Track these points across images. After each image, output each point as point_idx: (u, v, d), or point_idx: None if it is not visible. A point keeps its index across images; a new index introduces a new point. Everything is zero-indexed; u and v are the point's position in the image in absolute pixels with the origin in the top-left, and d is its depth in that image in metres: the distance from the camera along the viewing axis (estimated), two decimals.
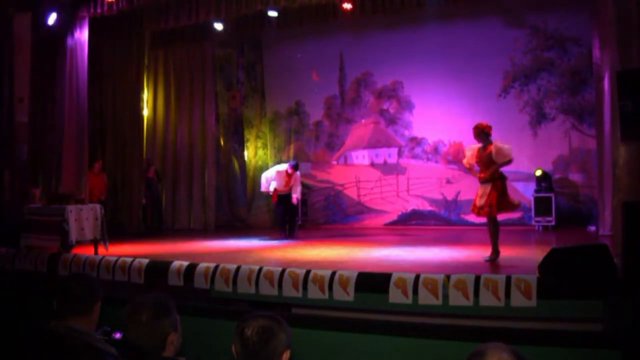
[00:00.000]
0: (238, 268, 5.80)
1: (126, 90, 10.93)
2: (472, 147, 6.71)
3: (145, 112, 11.52)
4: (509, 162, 6.47)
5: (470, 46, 10.68)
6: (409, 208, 11.46)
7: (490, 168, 6.41)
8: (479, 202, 6.45)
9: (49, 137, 9.72)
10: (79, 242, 7.68)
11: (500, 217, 6.90)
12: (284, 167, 9.56)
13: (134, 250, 7.87)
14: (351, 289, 5.17)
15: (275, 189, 9.39)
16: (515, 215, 10.33)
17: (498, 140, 6.59)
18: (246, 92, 12.84)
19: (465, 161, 6.85)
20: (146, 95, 11.64)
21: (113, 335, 2.95)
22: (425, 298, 4.89)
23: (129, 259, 6.59)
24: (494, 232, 6.46)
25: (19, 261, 7.50)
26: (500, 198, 6.37)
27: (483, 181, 6.48)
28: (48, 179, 9.53)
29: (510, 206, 6.58)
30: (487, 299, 4.72)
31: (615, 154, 6.54)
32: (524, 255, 6.74)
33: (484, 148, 6.52)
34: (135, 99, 10.95)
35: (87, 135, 9.85)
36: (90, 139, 10.12)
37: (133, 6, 9.43)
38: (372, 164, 11.85)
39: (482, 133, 6.57)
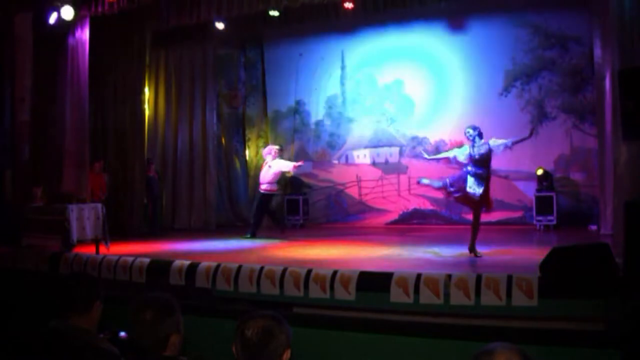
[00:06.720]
0: (239, 267, 5.80)
1: (127, 90, 10.90)
2: None
3: (147, 112, 11.50)
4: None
5: (472, 45, 10.69)
6: (410, 207, 11.45)
7: None
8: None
9: (50, 136, 9.71)
10: (80, 242, 7.68)
11: (502, 216, 6.99)
12: (280, 163, 9.64)
13: (135, 250, 7.87)
14: (352, 288, 5.17)
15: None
16: (516, 214, 10.35)
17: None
18: (247, 92, 12.84)
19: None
20: (147, 95, 11.62)
21: (117, 335, 2.96)
22: (427, 297, 4.89)
23: (131, 258, 6.60)
24: None
25: (21, 260, 7.51)
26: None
27: None
28: (49, 179, 9.51)
29: None
30: (489, 298, 4.72)
31: (616, 153, 6.55)
32: (525, 254, 6.74)
33: None
34: (136, 99, 10.92)
35: (89, 134, 9.85)
36: (92, 139, 10.11)
37: (134, 5, 9.41)
38: (374, 163, 11.84)
39: None
